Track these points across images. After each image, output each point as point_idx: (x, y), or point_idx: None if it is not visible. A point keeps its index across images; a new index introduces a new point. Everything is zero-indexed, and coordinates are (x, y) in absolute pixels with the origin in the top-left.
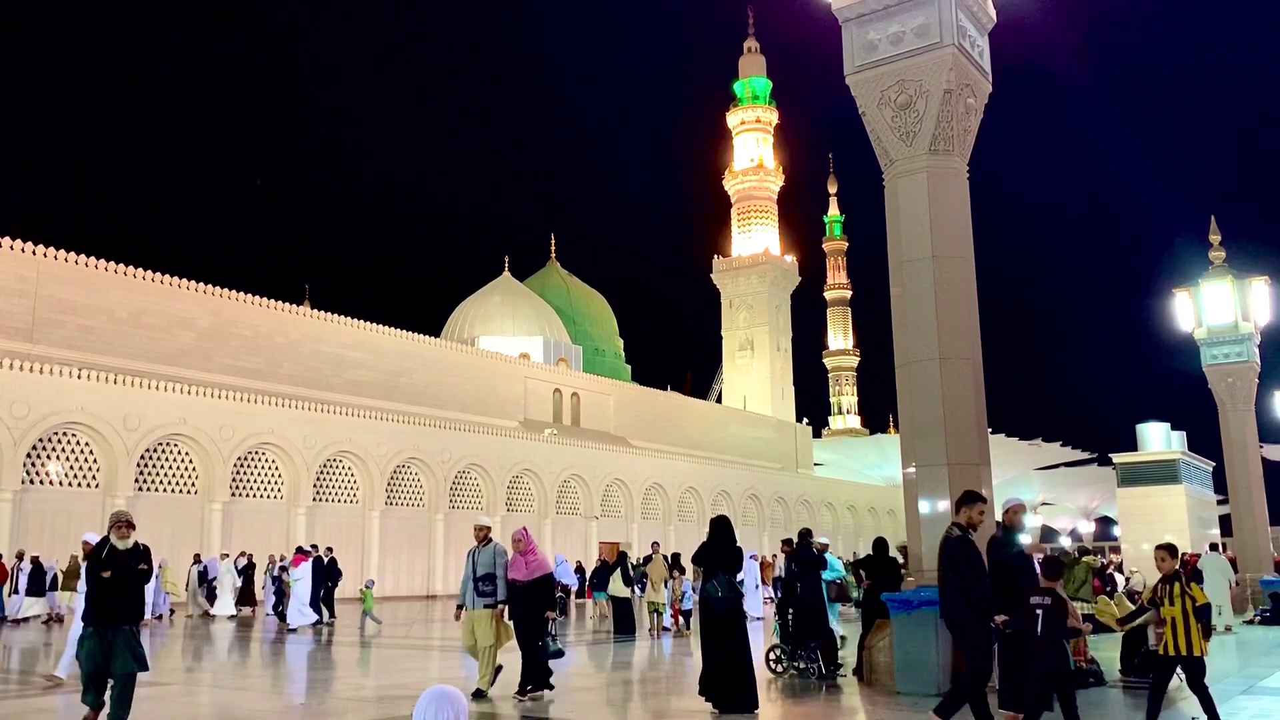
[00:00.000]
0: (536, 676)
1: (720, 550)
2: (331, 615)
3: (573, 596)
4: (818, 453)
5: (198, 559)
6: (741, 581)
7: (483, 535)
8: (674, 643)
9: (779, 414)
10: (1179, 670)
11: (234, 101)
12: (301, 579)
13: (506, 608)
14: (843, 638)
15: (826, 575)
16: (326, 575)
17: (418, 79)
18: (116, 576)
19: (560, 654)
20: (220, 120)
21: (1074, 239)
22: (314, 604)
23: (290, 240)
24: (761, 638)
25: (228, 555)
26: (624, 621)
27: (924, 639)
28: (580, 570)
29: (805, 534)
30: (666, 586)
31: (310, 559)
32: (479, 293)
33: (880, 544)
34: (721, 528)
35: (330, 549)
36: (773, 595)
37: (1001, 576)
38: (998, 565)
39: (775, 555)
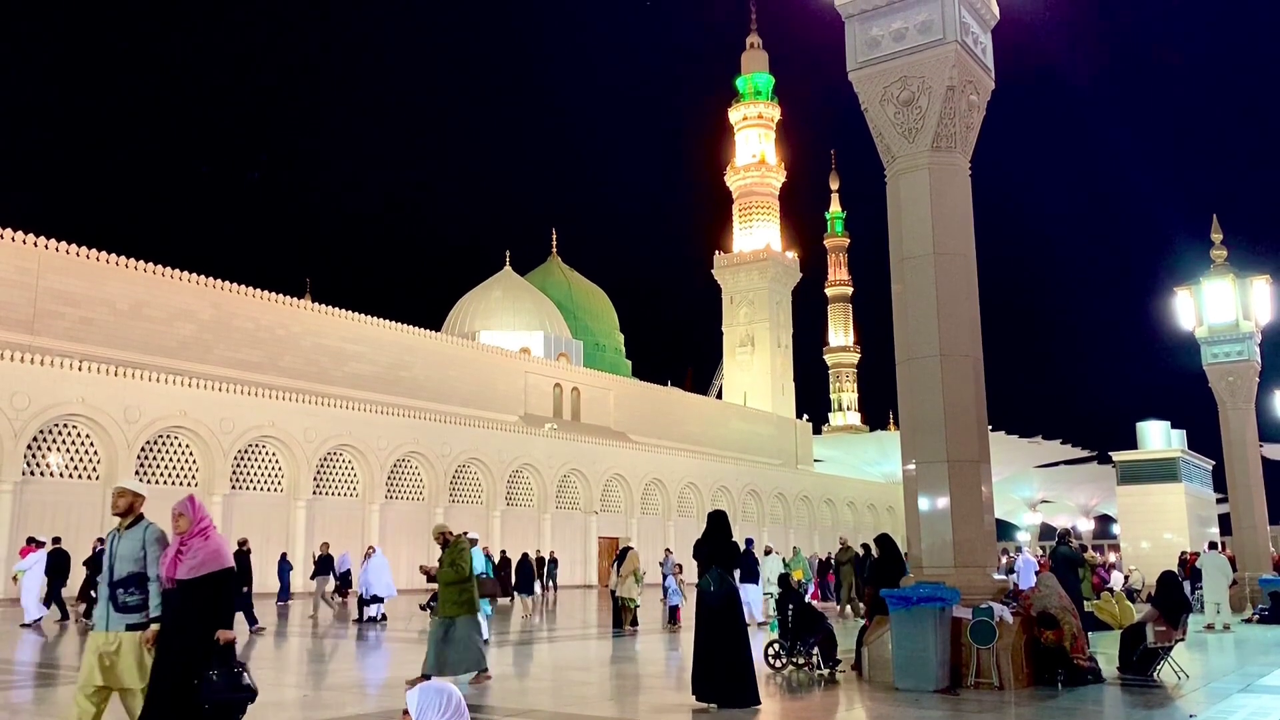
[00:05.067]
0: None
1: (716, 544)
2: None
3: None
4: (818, 449)
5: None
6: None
7: (126, 505)
8: (661, 638)
9: (779, 410)
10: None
11: (236, 95)
12: (30, 569)
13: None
14: (486, 643)
15: (479, 569)
16: (93, 569)
17: (419, 72)
18: None
19: (250, 694)
20: (222, 113)
21: (1076, 236)
22: (55, 599)
23: (291, 233)
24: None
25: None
26: (622, 616)
27: (922, 635)
28: (503, 563)
29: (1064, 535)
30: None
31: (42, 549)
32: (480, 287)
33: (885, 541)
34: (718, 522)
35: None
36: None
37: None
38: None
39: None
